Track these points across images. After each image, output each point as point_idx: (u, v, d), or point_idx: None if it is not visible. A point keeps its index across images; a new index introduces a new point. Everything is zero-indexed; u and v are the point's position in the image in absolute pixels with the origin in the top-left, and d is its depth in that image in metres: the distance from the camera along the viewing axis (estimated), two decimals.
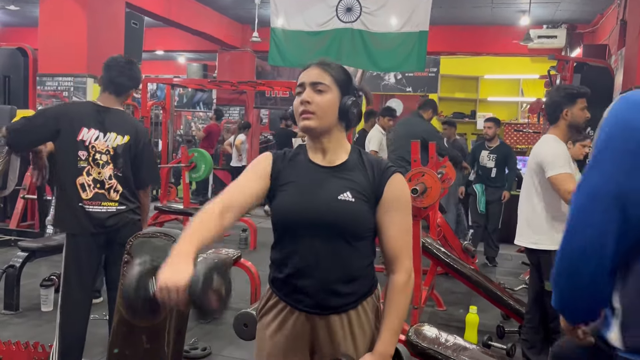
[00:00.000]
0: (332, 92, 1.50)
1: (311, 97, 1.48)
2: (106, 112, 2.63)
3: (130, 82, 2.69)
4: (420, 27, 5.49)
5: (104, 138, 2.59)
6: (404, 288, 1.50)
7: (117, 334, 2.06)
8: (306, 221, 1.47)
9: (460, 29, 9.43)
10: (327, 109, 1.49)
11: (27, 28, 10.53)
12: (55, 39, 6.37)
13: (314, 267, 1.47)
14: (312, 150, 1.56)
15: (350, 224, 1.46)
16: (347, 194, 1.47)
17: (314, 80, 1.49)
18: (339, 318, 1.50)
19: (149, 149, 2.76)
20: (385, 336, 1.47)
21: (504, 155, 6.04)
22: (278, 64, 6.19)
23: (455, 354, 2.22)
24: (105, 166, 2.60)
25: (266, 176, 1.53)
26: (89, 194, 2.58)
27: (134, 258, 2.05)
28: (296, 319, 1.52)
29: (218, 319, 3.84)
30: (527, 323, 3.09)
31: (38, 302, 3.92)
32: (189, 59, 14.18)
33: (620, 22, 6.01)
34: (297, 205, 1.49)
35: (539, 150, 2.89)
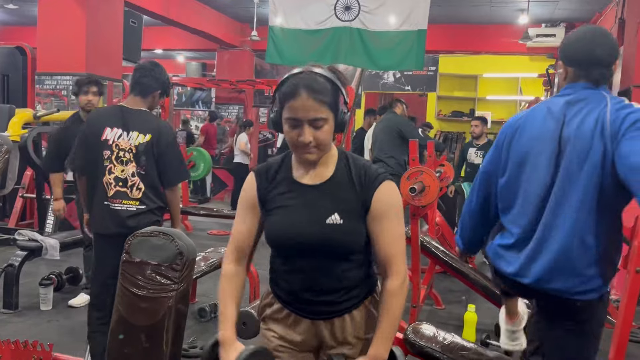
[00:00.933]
0: (329, 120, 1.44)
1: (312, 135, 1.42)
2: (130, 113, 2.70)
3: (155, 84, 2.74)
4: (419, 26, 5.49)
5: (127, 137, 2.65)
6: (397, 292, 1.48)
7: (115, 333, 2.06)
8: (297, 246, 1.49)
9: (459, 27, 9.44)
10: (328, 138, 1.45)
11: (25, 27, 10.52)
12: (54, 38, 6.36)
13: (310, 284, 1.50)
14: (299, 162, 1.51)
15: (341, 246, 1.47)
16: (334, 216, 1.45)
17: (311, 117, 1.40)
18: (342, 319, 1.53)
19: (174, 147, 2.77)
20: (378, 341, 1.47)
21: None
22: (276, 62, 6.20)
23: (453, 352, 2.22)
24: (128, 163, 2.65)
25: (255, 204, 1.55)
26: (111, 191, 2.65)
27: (133, 257, 2.05)
28: (302, 324, 1.56)
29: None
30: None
31: (37, 301, 3.92)
32: (187, 57, 14.18)
33: (618, 20, 6.02)
34: (286, 231, 1.49)
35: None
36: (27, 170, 5.92)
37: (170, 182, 2.76)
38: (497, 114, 10.14)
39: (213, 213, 6.72)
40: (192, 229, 6.94)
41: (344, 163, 1.51)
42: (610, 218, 1.73)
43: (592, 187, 1.66)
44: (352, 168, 1.50)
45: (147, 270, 2.02)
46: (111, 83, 6.79)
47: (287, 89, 1.42)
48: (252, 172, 1.58)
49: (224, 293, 1.55)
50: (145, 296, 2.01)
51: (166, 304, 2.00)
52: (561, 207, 1.70)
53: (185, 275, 2.04)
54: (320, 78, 1.43)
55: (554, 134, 1.73)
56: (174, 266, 2.01)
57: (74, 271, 4.50)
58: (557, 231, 1.70)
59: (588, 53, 1.75)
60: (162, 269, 2.01)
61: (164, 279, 2.01)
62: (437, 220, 5.07)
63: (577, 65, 1.78)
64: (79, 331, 3.56)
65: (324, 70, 1.46)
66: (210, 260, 3.82)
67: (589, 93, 1.74)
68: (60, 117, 5.41)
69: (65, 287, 4.36)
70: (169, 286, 2.01)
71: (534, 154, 1.76)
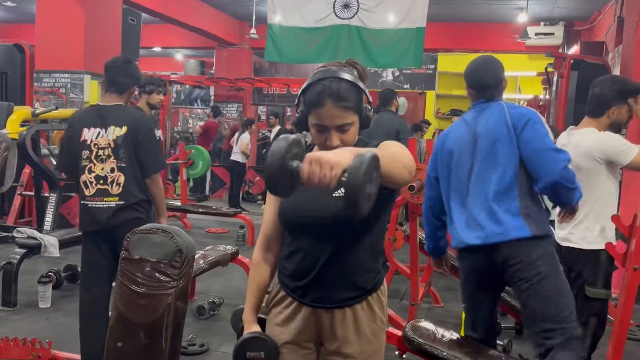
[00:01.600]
0: (355, 122, 1.49)
1: (340, 139, 1.47)
2: (106, 109, 2.73)
3: (130, 80, 2.78)
4: (417, 24, 5.50)
5: (105, 133, 2.68)
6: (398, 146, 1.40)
7: (114, 330, 2.06)
8: (305, 222, 1.51)
9: (458, 25, 9.44)
10: (354, 138, 1.52)
11: (24, 24, 10.50)
12: (53, 35, 6.35)
13: (317, 264, 1.51)
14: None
15: (347, 220, 1.46)
16: (341, 190, 1.46)
17: (338, 124, 1.45)
18: (344, 312, 1.53)
19: (150, 137, 2.77)
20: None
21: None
22: (274, 59, 6.21)
23: (452, 349, 2.23)
24: (106, 160, 2.67)
25: None
26: (92, 190, 2.68)
27: (132, 254, 2.05)
28: (303, 313, 1.57)
29: (215, 313, 3.85)
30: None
31: (36, 298, 3.92)
32: (186, 55, 14.16)
33: (617, 19, 6.02)
34: (295, 207, 1.52)
35: (600, 141, 2.63)
36: (25, 167, 5.91)
37: (148, 172, 2.77)
38: None
39: (212, 211, 6.73)
40: (191, 226, 6.94)
41: (361, 145, 1.53)
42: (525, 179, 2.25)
43: (506, 155, 2.24)
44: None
45: (146, 268, 2.02)
46: None
47: (313, 98, 1.45)
48: None
49: (250, 279, 1.67)
50: (144, 293, 2.01)
51: (165, 301, 1.99)
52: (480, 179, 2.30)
53: (185, 272, 2.04)
54: (345, 84, 1.44)
55: (470, 134, 2.37)
56: (173, 263, 2.01)
57: (73, 269, 4.50)
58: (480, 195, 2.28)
59: (479, 80, 2.46)
60: (161, 266, 2.01)
61: (163, 276, 2.01)
62: None
63: (475, 89, 2.48)
64: (77, 329, 3.56)
65: (347, 73, 1.47)
66: (209, 258, 3.82)
67: (488, 104, 2.40)
68: (59, 114, 5.40)
69: (64, 285, 4.36)
70: (168, 283, 2.01)
71: (457, 150, 2.38)
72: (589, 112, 2.74)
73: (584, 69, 5.44)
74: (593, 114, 2.71)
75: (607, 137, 2.63)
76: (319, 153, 1.17)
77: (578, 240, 2.65)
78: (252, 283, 1.66)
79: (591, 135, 2.66)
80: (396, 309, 3.84)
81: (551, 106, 6.08)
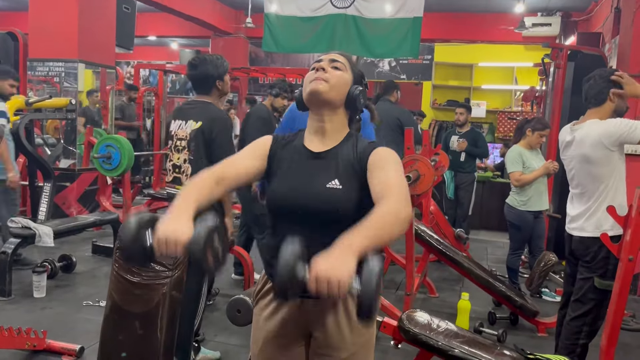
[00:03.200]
0: (346, 74, 1.55)
1: (329, 70, 1.52)
2: (190, 104, 2.91)
3: (211, 79, 2.83)
4: (414, 13, 5.47)
5: (185, 126, 2.83)
6: (391, 208, 1.28)
7: (109, 320, 2.06)
8: (296, 209, 1.48)
9: (455, 16, 9.40)
10: (340, 83, 1.52)
11: (17, 12, 10.39)
12: (46, 24, 6.28)
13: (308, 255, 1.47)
14: (311, 131, 1.57)
15: (338, 212, 1.45)
16: (335, 181, 1.47)
17: (333, 58, 1.55)
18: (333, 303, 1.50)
19: (224, 135, 2.79)
20: (353, 233, 1.24)
21: (473, 138, 6.07)
22: (271, 49, 6.17)
23: (447, 339, 2.23)
24: (182, 151, 2.83)
25: (263, 157, 1.56)
26: (170, 177, 2.90)
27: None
28: (290, 306, 1.53)
29: (211, 304, 3.85)
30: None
31: (31, 288, 3.91)
32: (181, 44, 14.06)
33: (614, 10, 6.01)
34: (287, 193, 1.50)
35: (602, 128, 2.62)
36: (19, 157, 5.87)
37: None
38: (492, 104, 10.14)
39: None
40: None
41: (353, 140, 1.56)
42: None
43: None
44: (357, 143, 1.54)
45: None
46: (104, 70, 6.74)
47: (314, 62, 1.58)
48: (269, 135, 1.62)
49: (185, 192, 1.38)
50: (139, 283, 2.01)
51: (160, 291, 1.99)
52: None
53: (180, 262, 2.03)
54: (341, 55, 1.59)
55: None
56: None
57: (67, 259, 4.49)
58: None
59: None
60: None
61: (159, 266, 2.00)
62: (431, 209, 5.07)
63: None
64: (73, 318, 3.56)
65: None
66: None
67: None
68: (53, 104, 5.36)
69: (59, 275, 4.35)
70: (163, 273, 2.00)
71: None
72: (591, 103, 2.73)
73: (581, 60, 5.43)
74: (595, 103, 2.71)
75: (611, 122, 2.63)
76: (323, 268, 1.15)
77: (594, 230, 2.65)
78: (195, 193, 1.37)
79: (595, 126, 2.66)
80: (392, 300, 3.85)
81: (547, 97, 6.08)
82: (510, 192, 4.37)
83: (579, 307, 2.69)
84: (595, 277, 2.63)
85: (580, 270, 2.71)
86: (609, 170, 2.65)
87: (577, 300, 2.71)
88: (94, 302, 3.82)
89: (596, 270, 2.64)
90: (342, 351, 1.52)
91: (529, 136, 4.28)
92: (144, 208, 6.78)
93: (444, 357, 2.24)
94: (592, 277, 2.64)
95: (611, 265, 2.60)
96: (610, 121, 2.65)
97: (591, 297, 2.65)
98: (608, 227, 2.60)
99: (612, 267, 2.60)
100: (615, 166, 2.65)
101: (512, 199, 4.33)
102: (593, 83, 2.73)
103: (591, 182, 2.69)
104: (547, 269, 3.83)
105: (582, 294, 2.68)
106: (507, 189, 4.47)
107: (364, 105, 1.58)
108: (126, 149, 5.55)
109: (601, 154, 2.63)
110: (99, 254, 5.03)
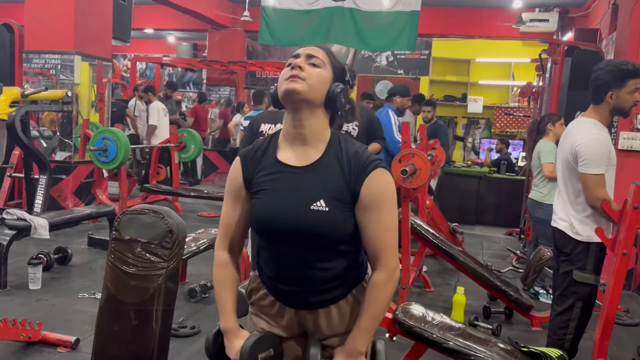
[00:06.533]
0: (325, 70, 1.41)
1: (304, 65, 1.39)
2: (277, 112, 3.12)
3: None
4: (412, 7, 5.45)
5: (274, 127, 3.12)
6: (382, 285, 1.41)
7: (104, 310, 2.06)
8: (280, 231, 1.42)
9: (453, 11, 9.38)
10: (318, 81, 1.39)
11: (13, 4, 10.32)
12: (42, 15, 6.24)
13: (295, 272, 1.44)
14: (287, 138, 1.44)
15: (325, 234, 1.39)
16: (320, 202, 1.37)
17: (310, 52, 1.42)
18: (328, 310, 1.47)
19: None
20: (357, 334, 1.42)
21: (432, 130, 6.11)
22: (268, 42, 6.15)
23: (442, 332, 2.24)
24: None
25: (241, 189, 1.49)
26: None
27: (122, 234, 2.04)
28: (286, 313, 1.51)
29: (207, 297, 3.86)
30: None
31: (26, 280, 3.90)
32: (178, 38, 14.00)
33: (612, 6, 6.01)
34: (270, 216, 1.42)
35: (577, 139, 2.56)
36: (15, 149, 5.85)
37: None
38: (489, 99, 10.15)
39: (204, 195, 6.70)
40: (183, 210, 6.92)
41: (336, 146, 1.42)
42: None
43: None
44: (343, 152, 1.41)
45: (136, 248, 2.01)
46: (100, 62, 6.70)
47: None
48: (237, 157, 1.53)
49: (221, 283, 1.53)
50: (134, 274, 2.01)
51: (156, 282, 1.99)
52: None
53: (175, 253, 2.03)
54: (321, 48, 1.47)
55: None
56: (164, 244, 2.00)
57: (63, 251, 4.48)
58: None
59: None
60: (152, 246, 2.00)
61: (154, 257, 2.00)
62: (427, 203, 5.09)
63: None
64: (68, 310, 3.56)
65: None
66: (201, 241, 3.82)
67: None
68: (49, 96, 5.34)
69: (55, 267, 4.35)
70: (158, 264, 2.00)
71: None
72: (591, 99, 2.66)
73: (578, 56, 5.44)
74: (594, 100, 2.64)
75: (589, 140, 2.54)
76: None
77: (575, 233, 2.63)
78: (226, 288, 1.52)
79: (580, 128, 2.61)
80: None
81: (545, 93, 6.08)
82: (534, 188, 4.32)
83: (562, 301, 2.68)
84: (574, 269, 2.61)
85: (561, 265, 2.71)
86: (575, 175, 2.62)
87: (560, 295, 2.69)
88: (89, 294, 3.81)
89: (575, 263, 2.61)
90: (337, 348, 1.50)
91: (552, 130, 4.28)
92: (140, 201, 6.77)
93: (438, 349, 2.24)
94: (572, 269, 2.62)
95: (590, 257, 2.59)
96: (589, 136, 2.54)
97: (573, 291, 2.63)
98: (578, 229, 2.61)
99: (592, 259, 2.60)
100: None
101: (537, 194, 4.25)
102: (594, 78, 2.61)
103: (567, 177, 2.67)
104: (542, 264, 3.84)
105: (564, 288, 2.67)
106: (503, 184, 4.47)
107: (345, 104, 1.45)
108: (122, 142, 5.54)
109: (568, 156, 2.62)
110: (94, 246, 5.02)
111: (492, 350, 2.20)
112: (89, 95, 6.65)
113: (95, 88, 6.73)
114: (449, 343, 2.21)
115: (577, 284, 2.61)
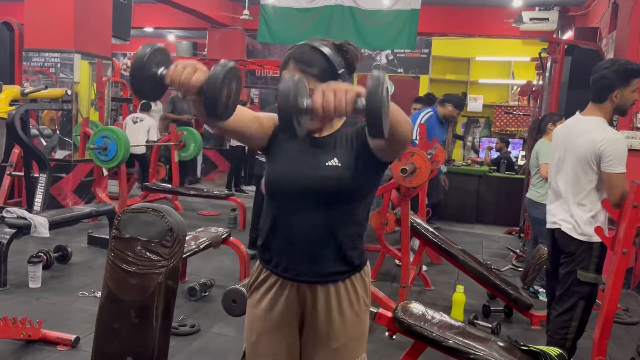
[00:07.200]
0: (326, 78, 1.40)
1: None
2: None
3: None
4: (412, 5, 5.46)
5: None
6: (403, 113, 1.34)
7: (105, 309, 2.06)
8: (295, 189, 1.48)
9: (453, 9, 9.38)
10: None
11: (12, 2, 10.31)
12: (42, 14, 6.24)
13: (303, 234, 1.49)
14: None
15: (339, 189, 1.46)
16: (334, 160, 1.47)
17: (304, 68, 1.45)
18: (327, 289, 1.51)
19: None
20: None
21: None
22: (267, 41, 6.16)
23: (441, 330, 2.25)
24: None
25: (269, 128, 1.55)
26: None
27: (122, 233, 2.04)
28: (286, 293, 1.53)
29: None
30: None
31: (26, 279, 3.90)
32: (178, 36, 13.99)
33: (612, 5, 6.01)
34: (286, 173, 1.51)
35: (598, 138, 2.51)
36: (14, 147, 5.85)
37: None
38: (489, 98, 10.15)
39: (203, 193, 6.70)
40: (182, 209, 6.92)
41: (352, 123, 1.55)
42: None
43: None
44: (358, 127, 1.53)
45: (136, 247, 2.01)
46: (100, 61, 6.70)
47: (283, 61, 1.52)
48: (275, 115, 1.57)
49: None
50: (134, 272, 2.01)
51: (156, 280, 1.99)
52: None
53: (175, 251, 2.03)
54: (314, 51, 1.47)
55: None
56: (164, 242, 2.01)
57: (63, 249, 4.48)
58: None
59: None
60: (152, 245, 2.01)
61: (154, 255, 2.01)
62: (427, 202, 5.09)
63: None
64: (68, 309, 3.56)
65: (324, 45, 1.48)
66: (201, 239, 3.82)
67: None
68: (49, 94, 5.33)
69: (55, 266, 4.35)
70: (158, 262, 2.00)
71: None
72: (593, 98, 2.64)
73: (578, 55, 5.43)
74: (597, 99, 2.61)
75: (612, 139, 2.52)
76: (329, 85, 1.15)
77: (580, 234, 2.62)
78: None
79: (596, 127, 2.57)
80: (387, 292, 3.86)
81: (544, 92, 6.08)
82: (532, 187, 4.31)
83: (564, 301, 2.67)
84: (578, 269, 2.61)
85: (562, 264, 2.70)
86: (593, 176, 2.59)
87: (563, 295, 2.69)
88: (89, 292, 3.82)
89: (579, 263, 2.61)
90: (333, 341, 1.53)
91: (552, 129, 4.26)
92: (140, 200, 6.77)
93: (438, 348, 2.25)
94: (575, 269, 2.62)
95: (594, 257, 2.59)
96: (611, 136, 2.53)
97: (575, 291, 2.63)
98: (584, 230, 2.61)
99: (595, 259, 2.60)
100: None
101: (534, 194, 4.25)
102: (599, 77, 2.59)
103: (576, 178, 2.64)
104: (542, 262, 3.84)
105: (566, 288, 2.67)
106: (503, 183, 4.48)
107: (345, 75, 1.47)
108: (122, 140, 5.53)
109: (587, 155, 2.57)
110: (94, 245, 5.02)
111: (491, 348, 2.21)
112: (89, 94, 6.65)
113: (95, 86, 6.72)
114: (448, 341, 2.21)
115: (580, 283, 2.62)
